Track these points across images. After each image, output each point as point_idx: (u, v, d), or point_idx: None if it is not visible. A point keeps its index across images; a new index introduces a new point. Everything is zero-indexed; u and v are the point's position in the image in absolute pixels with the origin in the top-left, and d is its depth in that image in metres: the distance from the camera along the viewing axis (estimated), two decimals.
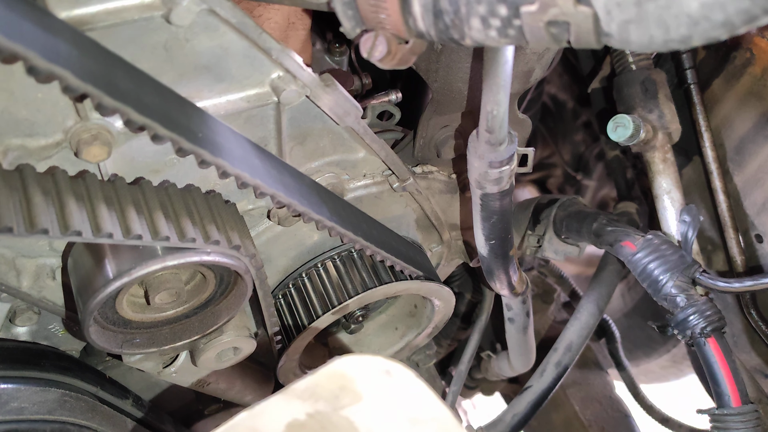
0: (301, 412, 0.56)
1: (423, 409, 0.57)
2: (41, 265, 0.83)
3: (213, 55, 0.73)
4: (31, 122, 0.69)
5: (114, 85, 0.59)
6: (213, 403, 1.24)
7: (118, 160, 0.77)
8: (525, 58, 0.93)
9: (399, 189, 1.01)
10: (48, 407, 0.85)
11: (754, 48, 1.13)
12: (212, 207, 0.82)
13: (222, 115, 0.78)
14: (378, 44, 0.63)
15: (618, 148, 1.52)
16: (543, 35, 0.53)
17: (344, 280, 0.99)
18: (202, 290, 0.88)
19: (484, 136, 0.84)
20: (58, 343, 0.96)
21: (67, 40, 0.57)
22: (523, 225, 1.26)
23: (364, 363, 0.56)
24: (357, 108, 0.85)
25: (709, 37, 0.47)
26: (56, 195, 0.69)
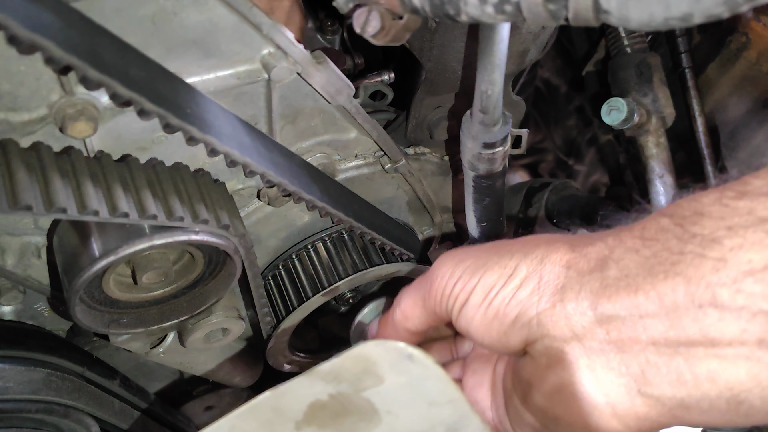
0: (323, 393, 0.57)
1: (441, 394, 0.58)
2: (26, 243, 0.81)
3: (202, 29, 0.71)
4: (14, 96, 0.67)
5: (99, 58, 0.57)
6: (201, 384, 1.23)
7: (105, 136, 0.75)
8: (521, 38, 0.92)
9: (391, 170, 1.00)
10: (33, 387, 0.84)
11: (750, 32, 1.13)
12: (201, 186, 0.81)
13: (211, 91, 0.76)
14: (371, 19, 0.61)
15: (611, 133, 1.51)
16: (541, 12, 0.52)
17: (335, 262, 0.98)
18: (190, 270, 0.87)
19: (477, 117, 0.83)
20: (44, 323, 0.95)
21: (51, 10, 0.55)
22: (516, 208, 1.26)
23: (388, 348, 0.57)
24: (349, 87, 0.84)
25: (710, 15, 0.46)
26: (40, 171, 0.68)
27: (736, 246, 0.52)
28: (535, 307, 0.64)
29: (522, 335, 0.65)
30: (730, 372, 0.52)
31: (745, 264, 0.51)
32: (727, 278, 0.52)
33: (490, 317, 0.67)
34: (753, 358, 0.51)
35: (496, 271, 0.68)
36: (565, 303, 0.62)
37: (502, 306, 0.66)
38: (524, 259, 0.67)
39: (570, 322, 0.61)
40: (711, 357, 0.53)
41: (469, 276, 0.70)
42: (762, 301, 0.50)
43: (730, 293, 0.51)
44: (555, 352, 0.63)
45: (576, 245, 0.65)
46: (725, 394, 0.53)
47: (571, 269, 0.63)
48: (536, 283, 0.65)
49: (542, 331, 0.63)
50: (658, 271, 0.56)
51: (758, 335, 0.50)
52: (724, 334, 0.52)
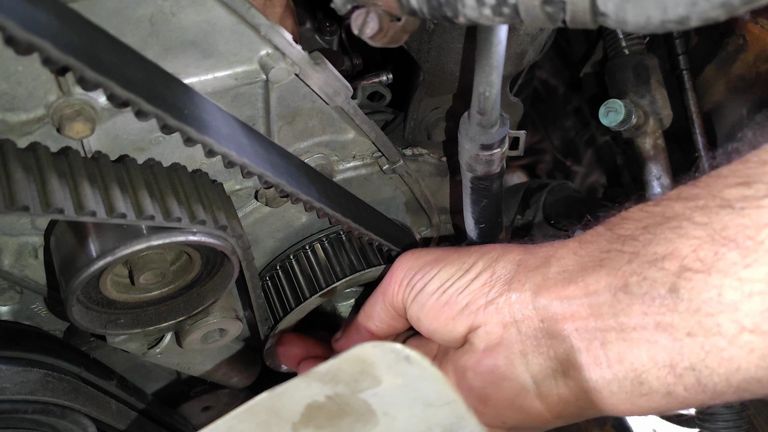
0: (320, 395, 0.58)
1: (437, 395, 0.58)
2: (23, 244, 0.81)
3: (200, 30, 0.71)
4: (12, 96, 0.67)
5: (97, 58, 0.57)
6: (199, 385, 1.23)
7: (102, 137, 0.75)
8: (518, 40, 0.92)
9: (389, 171, 1.00)
10: (30, 387, 0.84)
11: (747, 34, 1.13)
12: (198, 186, 0.81)
13: (209, 92, 0.76)
14: (369, 21, 0.61)
15: (608, 134, 1.52)
16: (538, 14, 0.52)
17: (332, 263, 0.98)
18: (187, 271, 0.87)
19: (475, 118, 0.83)
20: (41, 323, 0.95)
21: (48, 11, 0.55)
22: (513, 209, 1.26)
23: (385, 349, 0.57)
24: (347, 88, 0.84)
25: (707, 18, 0.46)
26: (38, 171, 0.68)
27: (647, 241, 0.59)
28: (485, 297, 0.72)
29: (468, 322, 0.73)
30: (633, 354, 0.59)
31: (651, 255, 0.58)
32: (637, 268, 0.58)
33: (442, 303, 0.75)
34: (651, 340, 0.57)
35: (455, 266, 0.77)
36: (510, 293, 0.70)
37: (455, 294, 0.74)
38: (481, 258, 0.75)
39: (512, 309, 0.69)
40: (620, 341, 0.60)
41: (429, 268, 0.78)
42: (661, 288, 0.56)
43: (638, 281, 0.58)
44: (494, 337, 0.71)
45: (528, 248, 0.73)
46: (630, 375, 0.59)
47: (521, 266, 0.71)
48: (489, 276, 0.73)
49: (486, 318, 0.71)
50: (588, 266, 0.64)
51: (655, 318, 0.57)
52: (630, 319, 0.59)
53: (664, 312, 0.56)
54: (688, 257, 0.55)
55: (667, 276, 0.56)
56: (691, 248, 0.56)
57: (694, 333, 0.55)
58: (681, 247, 0.56)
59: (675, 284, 0.56)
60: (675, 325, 0.56)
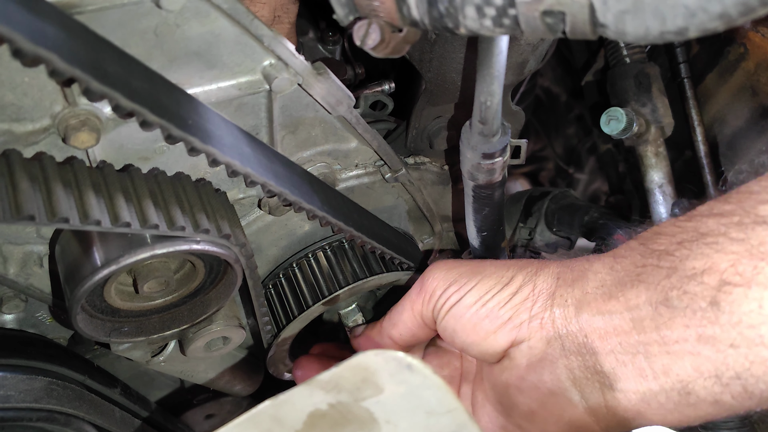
0: (323, 403, 0.58)
1: (439, 403, 0.59)
2: (28, 252, 0.82)
3: (204, 41, 0.72)
4: (18, 107, 0.68)
5: (102, 70, 0.58)
6: (202, 393, 1.23)
7: (107, 146, 0.76)
8: (519, 49, 0.93)
9: (391, 180, 1.00)
10: (34, 395, 0.84)
11: (747, 43, 1.13)
12: (202, 195, 0.81)
13: (213, 102, 0.77)
14: (371, 32, 0.62)
15: (610, 142, 1.52)
16: (538, 25, 0.53)
17: (335, 271, 0.99)
18: (191, 279, 0.87)
19: (477, 127, 0.84)
20: (46, 331, 0.95)
21: (55, 23, 0.56)
22: (515, 217, 1.26)
23: (387, 357, 0.58)
24: (350, 97, 0.85)
25: (705, 29, 0.47)
26: (43, 181, 0.68)
27: (684, 256, 0.60)
28: (528, 312, 0.72)
29: (511, 336, 0.73)
30: (678, 366, 0.60)
31: (689, 270, 0.59)
32: (676, 282, 0.60)
33: (481, 316, 0.74)
34: (694, 352, 0.59)
35: (493, 278, 0.76)
36: (554, 308, 0.70)
37: (497, 308, 0.74)
38: (520, 271, 0.75)
39: (556, 324, 0.69)
40: (664, 353, 0.61)
41: (466, 279, 0.77)
42: (701, 301, 0.58)
43: (678, 294, 0.59)
44: (537, 353, 0.71)
45: (563, 262, 0.73)
46: (677, 386, 0.60)
47: (560, 279, 0.71)
48: (530, 290, 0.72)
49: (531, 333, 0.71)
50: (625, 281, 0.65)
51: (697, 331, 0.58)
52: (673, 332, 0.60)
53: (706, 324, 0.58)
54: (727, 271, 0.57)
55: (707, 290, 0.58)
56: (729, 263, 0.57)
57: (737, 344, 0.57)
58: (719, 262, 0.57)
59: (715, 297, 0.57)
60: (717, 337, 0.57)
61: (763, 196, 0.59)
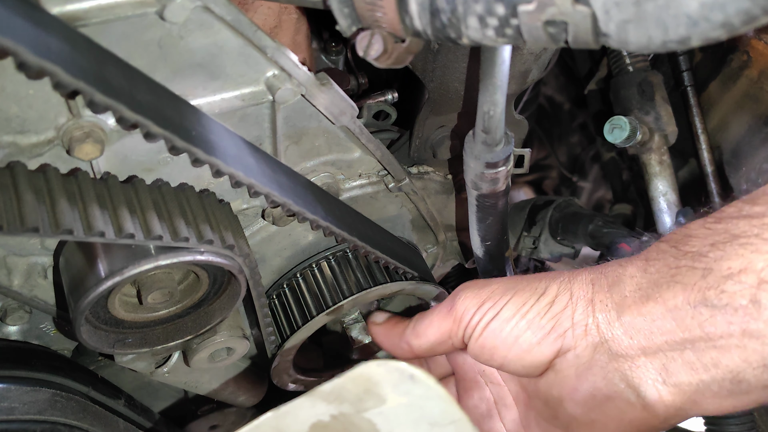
0: (325, 414, 0.58)
1: (443, 414, 0.59)
2: (32, 264, 0.82)
3: (207, 52, 0.72)
4: (23, 119, 0.68)
5: (106, 82, 0.58)
6: (206, 403, 1.23)
7: (111, 158, 0.76)
8: (522, 59, 0.93)
9: (395, 189, 1.00)
10: (38, 407, 0.84)
11: (751, 51, 1.13)
12: (206, 206, 0.81)
13: (216, 113, 0.77)
14: (374, 43, 0.62)
15: (614, 150, 1.52)
16: (541, 35, 0.53)
17: (339, 281, 0.98)
18: (195, 290, 0.87)
19: (480, 137, 0.84)
20: (50, 343, 0.95)
21: (59, 36, 0.56)
22: (519, 226, 1.26)
23: (389, 368, 0.58)
24: (353, 107, 0.85)
25: (708, 38, 0.47)
26: (47, 193, 0.69)
27: (718, 257, 0.62)
28: (570, 319, 0.72)
29: (556, 346, 0.73)
30: (727, 358, 0.62)
31: (725, 270, 0.61)
32: (713, 282, 0.62)
33: (522, 329, 0.74)
34: (741, 345, 0.61)
35: (528, 291, 0.75)
36: (596, 314, 0.70)
37: (537, 318, 0.73)
38: (553, 281, 0.75)
39: (601, 330, 0.70)
40: (711, 348, 0.63)
41: (499, 296, 0.77)
42: (741, 299, 0.60)
43: (716, 294, 0.62)
44: (584, 360, 0.71)
45: (594, 268, 0.74)
46: (728, 376, 0.63)
47: (596, 285, 0.72)
48: (568, 298, 0.73)
49: (576, 341, 0.71)
50: (661, 283, 0.66)
51: (741, 326, 0.61)
52: (717, 329, 0.62)
53: (749, 321, 0.60)
54: (765, 270, 0.59)
55: (745, 288, 0.60)
56: (765, 262, 0.60)
57: None
58: (756, 262, 0.60)
59: (755, 295, 0.59)
60: (762, 331, 0.60)
61: None
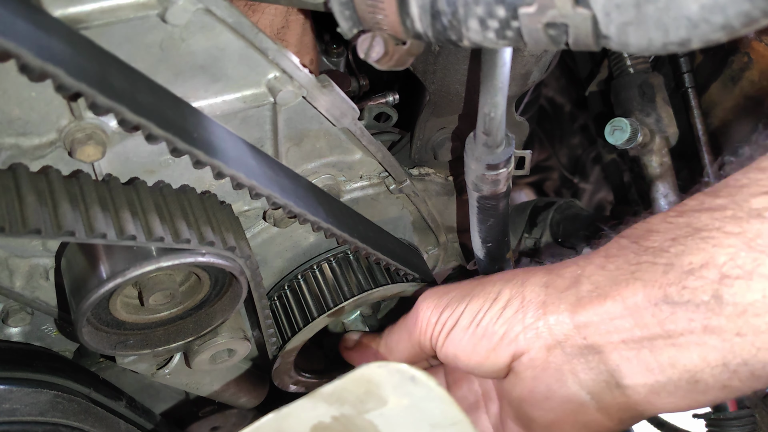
0: (326, 415, 0.58)
1: (444, 415, 0.59)
2: (34, 266, 0.82)
3: (209, 55, 0.72)
4: (25, 121, 0.69)
5: (108, 84, 0.58)
6: (207, 405, 1.23)
7: (113, 159, 0.76)
8: (523, 61, 0.93)
9: (396, 191, 1.01)
10: (40, 408, 0.84)
11: (752, 52, 1.13)
12: (207, 208, 0.81)
13: (218, 115, 0.77)
14: (375, 45, 0.62)
15: (615, 152, 1.52)
16: (541, 37, 0.53)
17: (340, 282, 0.99)
18: (196, 291, 0.87)
19: (481, 139, 0.84)
20: (51, 344, 0.95)
21: (61, 39, 0.56)
22: (520, 228, 1.26)
23: (391, 369, 0.58)
24: (354, 109, 0.85)
25: (708, 40, 0.47)
26: (49, 195, 0.69)
27: (680, 252, 0.61)
28: (521, 323, 0.71)
29: (510, 350, 0.72)
30: (685, 357, 0.61)
31: (687, 265, 0.60)
32: (674, 278, 0.61)
33: (479, 336, 0.74)
34: (701, 343, 0.60)
35: (481, 297, 0.76)
36: (547, 316, 0.70)
37: (490, 325, 0.74)
38: (506, 285, 0.75)
39: (552, 332, 0.69)
40: (669, 346, 0.62)
41: (456, 303, 0.77)
42: (702, 294, 0.59)
43: (678, 290, 0.60)
44: (539, 362, 0.71)
45: (551, 269, 0.73)
46: (684, 376, 0.62)
47: (550, 287, 0.71)
48: (520, 302, 0.72)
49: (528, 344, 0.71)
50: (620, 280, 0.65)
51: (702, 323, 0.59)
52: (677, 326, 0.61)
53: (710, 316, 0.59)
54: (727, 265, 0.58)
55: (707, 284, 0.59)
56: (728, 256, 0.58)
57: (744, 333, 0.58)
58: (717, 256, 0.59)
59: (717, 290, 0.58)
60: (723, 327, 0.59)
61: (754, 189, 0.60)
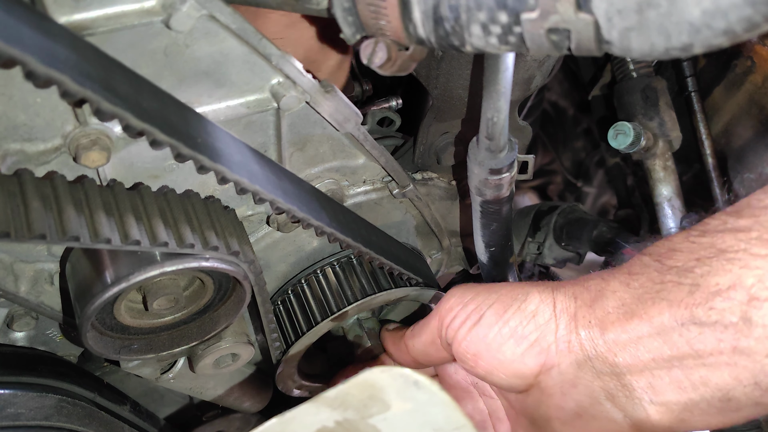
0: (330, 420, 0.58)
1: (447, 420, 0.59)
2: (39, 270, 0.82)
3: (213, 60, 0.73)
4: (30, 127, 0.69)
5: (113, 90, 0.58)
6: (211, 409, 1.23)
7: (117, 165, 0.77)
8: (525, 65, 0.93)
9: (399, 195, 1.01)
10: (45, 413, 0.85)
11: (754, 56, 1.13)
12: (211, 213, 0.82)
13: (221, 120, 0.77)
14: (378, 51, 0.63)
15: (618, 156, 1.52)
16: (544, 42, 0.53)
17: (343, 287, 0.99)
18: (200, 296, 0.87)
19: (484, 143, 0.84)
20: (56, 349, 0.96)
21: (66, 45, 0.57)
22: (523, 232, 1.26)
23: (394, 374, 0.58)
24: (357, 114, 0.85)
25: (710, 45, 0.47)
26: (54, 200, 0.69)
27: (705, 273, 0.61)
28: (553, 333, 0.70)
29: (539, 360, 0.71)
30: (716, 376, 0.61)
31: (713, 286, 0.60)
32: (701, 299, 0.61)
33: (505, 336, 0.72)
34: (731, 363, 0.60)
35: (510, 296, 0.74)
36: (579, 330, 0.68)
37: (519, 327, 0.72)
38: (534, 288, 0.73)
39: (584, 347, 0.68)
40: (700, 366, 0.62)
41: (483, 298, 0.75)
42: (730, 315, 0.59)
43: (705, 311, 0.60)
44: (569, 378, 0.69)
45: (577, 280, 0.72)
46: (717, 394, 0.61)
47: (578, 300, 0.70)
48: (552, 310, 0.71)
49: (560, 358, 0.69)
50: (646, 299, 0.64)
51: (731, 343, 0.59)
52: (706, 346, 0.61)
53: (739, 338, 0.59)
54: (755, 286, 0.58)
55: (735, 305, 0.59)
56: (756, 278, 0.58)
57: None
58: (745, 278, 0.58)
59: (746, 312, 0.58)
60: (753, 348, 0.58)
61: None
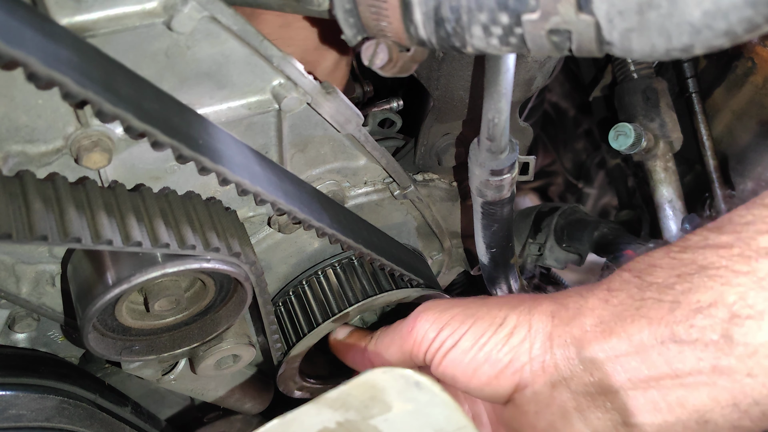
0: (331, 421, 0.58)
1: (448, 421, 0.59)
2: (41, 272, 0.82)
3: (214, 62, 0.73)
4: (32, 128, 0.69)
5: (114, 92, 0.59)
6: (212, 410, 1.23)
7: (119, 166, 0.77)
8: (526, 66, 0.93)
9: (400, 197, 1.01)
10: (46, 414, 0.85)
11: (755, 57, 1.13)
12: (212, 214, 0.82)
13: (223, 122, 0.78)
14: (379, 52, 0.63)
15: (619, 157, 1.52)
16: (544, 43, 0.53)
17: (344, 288, 0.99)
18: (201, 297, 0.87)
19: (485, 144, 0.84)
20: (57, 350, 0.96)
21: (68, 47, 0.57)
22: (524, 233, 1.26)
23: (395, 375, 0.58)
24: (358, 115, 0.85)
25: (711, 46, 0.47)
26: (56, 201, 0.69)
27: (686, 290, 0.60)
28: (527, 354, 0.69)
29: (513, 380, 0.71)
30: (694, 397, 0.60)
31: (694, 303, 0.59)
32: (681, 316, 0.59)
33: (480, 361, 0.72)
34: (710, 383, 0.59)
35: (486, 320, 0.73)
36: (554, 349, 0.68)
37: (494, 351, 0.71)
38: (513, 310, 0.73)
39: (558, 367, 0.67)
40: (678, 386, 0.60)
41: (459, 323, 0.75)
42: (711, 333, 0.58)
43: (685, 329, 0.59)
44: (543, 398, 0.68)
45: (556, 297, 0.71)
46: (693, 416, 0.60)
47: (555, 318, 0.69)
48: (526, 331, 0.70)
49: (534, 378, 0.69)
50: (625, 316, 0.63)
51: (711, 362, 0.58)
52: (685, 365, 0.59)
53: (720, 356, 0.58)
54: (737, 304, 0.57)
55: (716, 323, 0.58)
56: (737, 295, 0.57)
57: (755, 374, 0.57)
58: (726, 295, 0.57)
59: (727, 330, 0.57)
60: (733, 368, 0.57)
61: (760, 226, 0.59)
